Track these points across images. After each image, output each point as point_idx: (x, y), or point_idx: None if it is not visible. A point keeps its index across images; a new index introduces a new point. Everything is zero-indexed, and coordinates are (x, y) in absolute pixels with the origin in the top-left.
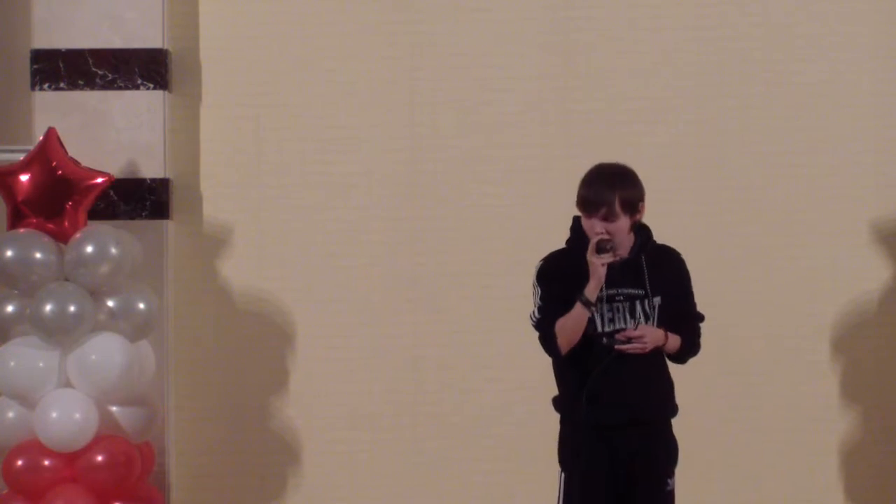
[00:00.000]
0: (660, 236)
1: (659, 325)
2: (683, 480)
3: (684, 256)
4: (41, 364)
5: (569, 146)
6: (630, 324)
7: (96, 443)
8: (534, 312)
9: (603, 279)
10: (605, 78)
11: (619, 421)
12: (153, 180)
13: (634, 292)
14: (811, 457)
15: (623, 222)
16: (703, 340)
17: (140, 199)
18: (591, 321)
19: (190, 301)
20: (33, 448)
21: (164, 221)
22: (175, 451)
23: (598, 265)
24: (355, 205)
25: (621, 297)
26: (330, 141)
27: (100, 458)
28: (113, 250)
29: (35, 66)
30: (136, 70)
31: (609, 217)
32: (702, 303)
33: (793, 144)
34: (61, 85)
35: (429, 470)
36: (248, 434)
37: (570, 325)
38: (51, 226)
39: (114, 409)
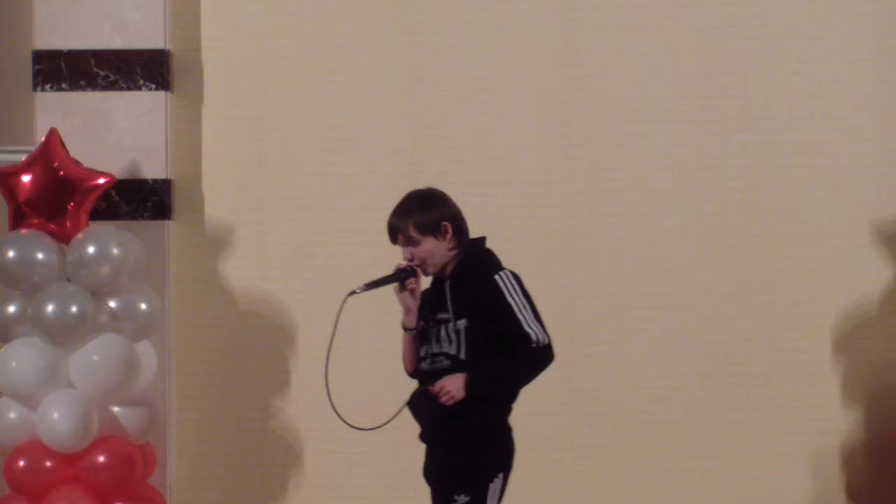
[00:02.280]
0: (660, 236)
1: (468, 349)
2: (684, 480)
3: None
4: (43, 364)
5: (569, 146)
6: (436, 347)
7: (98, 443)
8: None
9: (410, 306)
10: (605, 78)
11: (425, 438)
12: (155, 181)
13: (441, 316)
14: (812, 457)
15: (429, 244)
16: (703, 339)
17: (142, 199)
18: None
19: (191, 302)
20: (35, 448)
21: (166, 222)
22: (176, 452)
23: (398, 294)
24: (357, 205)
25: (433, 322)
26: (331, 141)
27: (101, 459)
28: (115, 251)
29: (37, 67)
30: (138, 71)
31: (409, 242)
32: (702, 303)
33: (794, 145)
34: (63, 85)
35: None
36: (250, 434)
37: (403, 348)
38: (52, 226)
39: (115, 409)
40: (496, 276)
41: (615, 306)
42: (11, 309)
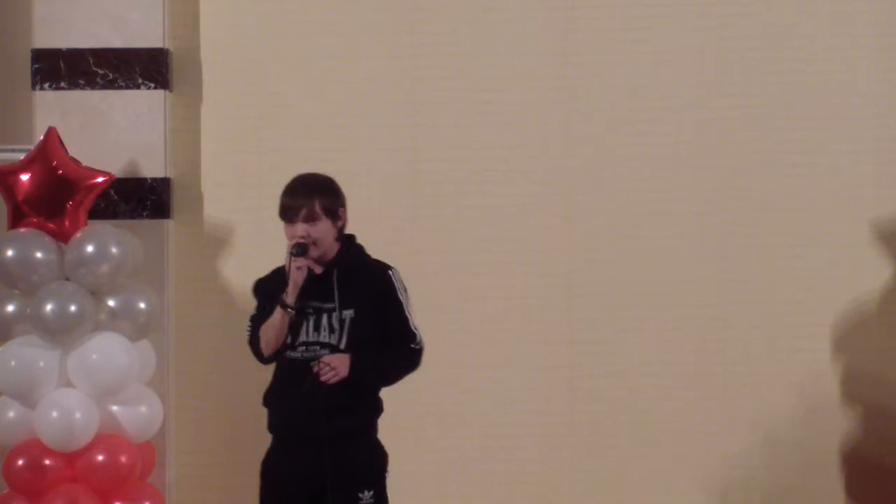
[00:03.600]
0: (659, 235)
1: (350, 340)
2: (684, 479)
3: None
4: (42, 364)
5: (569, 146)
6: (313, 336)
7: (97, 442)
8: (248, 330)
9: (300, 283)
10: (605, 77)
11: (302, 435)
12: (154, 180)
13: (322, 305)
14: (811, 456)
15: (325, 225)
16: (704, 340)
17: (141, 198)
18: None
19: (191, 301)
20: (34, 448)
21: (165, 221)
22: (175, 451)
23: (293, 268)
24: (355, 204)
25: (310, 310)
26: (330, 140)
27: (100, 458)
28: (114, 250)
29: (36, 66)
30: (137, 69)
31: (310, 218)
32: (702, 302)
33: (793, 144)
34: (62, 84)
35: (429, 468)
36: (249, 434)
37: (270, 329)
38: (51, 225)
39: (114, 408)
40: (389, 272)
41: (614, 305)
42: (10, 308)
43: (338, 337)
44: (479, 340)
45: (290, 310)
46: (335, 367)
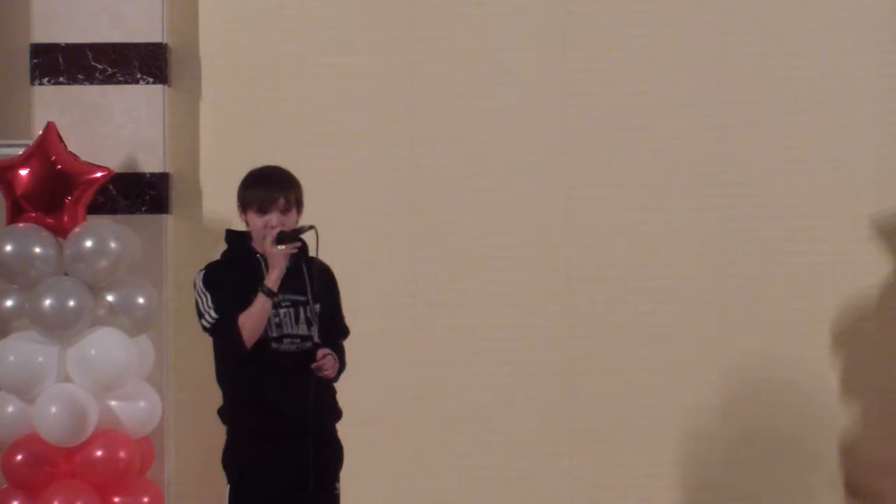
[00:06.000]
0: (658, 230)
1: (321, 331)
2: (683, 478)
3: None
4: (40, 359)
5: (568, 141)
6: (295, 329)
7: (95, 438)
8: (206, 317)
9: (284, 270)
10: (604, 72)
11: (296, 428)
12: (153, 175)
13: (297, 298)
14: (811, 452)
15: (293, 217)
16: (703, 336)
17: (139, 193)
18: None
19: (189, 296)
20: (32, 443)
21: (164, 216)
22: (174, 447)
23: (279, 255)
24: (354, 200)
25: (287, 303)
26: (329, 135)
27: (99, 453)
28: (112, 245)
29: (34, 61)
30: (136, 64)
31: (285, 209)
32: (701, 298)
33: (793, 140)
34: (61, 79)
35: (429, 466)
36: None
37: (255, 317)
38: (50, 220)
39: (113, 403)
40: (333, 273)
41: (613, 301)
42: (9, 303)
43: (316, 331)
44: (478, 335)
45: (275, 296)
46: (332, 362)
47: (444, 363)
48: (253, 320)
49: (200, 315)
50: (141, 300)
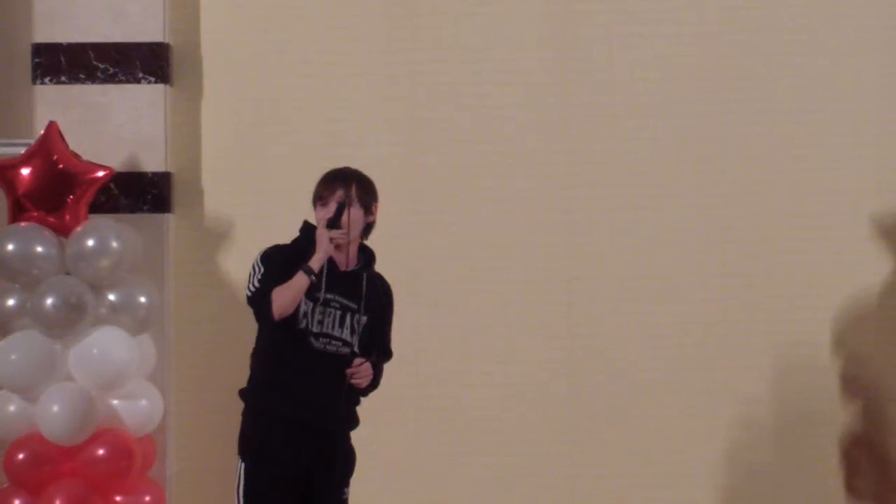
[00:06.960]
0: (660, 229)
1: (361, 342)
2: (684, 477)
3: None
4: (42, 358)
5: (569, 140)
6: (338, 331)
7: (97, 436)
8: (249, 287)
9: (329, 252)
10: (605, 71)
11: (322, 425)
12: (154, 174)
13: (349, 304)
14: (811, 450)
15: (357, 213)
16: (703, 336)
17: (141, 192)
18: (305, 317)
19: (191, 295)
20: (34, 441)
21: (166, 215)
22: (175, 446)
23: (325, 237)
24: None
25: (336, 305)
26: (330, 134)
27: (100, 452)
28: (114, 244)
29: (36, 60)
30: (138, 64)
31: (352, 201)
32: (701, 298)
33: (794, 138)
34: (62, 79)
35: (429, 464)
36: None
37: (289, 292)
38: (52, 219)
39: (114, 402)
40: (391, 289)
41: (615, 300)
42: (11, 302)
43: (356, 340)
44: (479, 335)
45: (313, 277)
46: (367, 373)
47: (445, 361)
48: (286, 292)
49: (247, 287)
50: (142, 299)
